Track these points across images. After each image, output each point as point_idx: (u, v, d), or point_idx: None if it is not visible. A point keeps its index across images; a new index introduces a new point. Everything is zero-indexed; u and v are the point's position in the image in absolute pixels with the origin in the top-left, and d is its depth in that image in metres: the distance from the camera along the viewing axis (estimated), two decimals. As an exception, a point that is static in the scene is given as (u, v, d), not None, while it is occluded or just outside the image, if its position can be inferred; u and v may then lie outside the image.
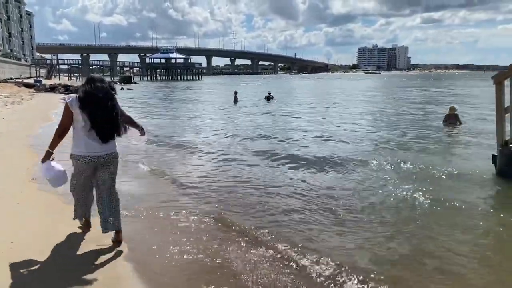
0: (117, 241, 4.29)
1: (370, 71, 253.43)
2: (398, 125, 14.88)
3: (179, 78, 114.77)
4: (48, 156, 4.09)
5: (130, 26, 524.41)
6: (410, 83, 72.75)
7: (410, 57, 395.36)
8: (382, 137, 12.09)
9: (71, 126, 4.02)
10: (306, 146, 10.83)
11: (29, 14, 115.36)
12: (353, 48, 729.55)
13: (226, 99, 32.42)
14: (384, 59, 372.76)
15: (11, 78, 47.05)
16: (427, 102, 26.78)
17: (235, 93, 28.33)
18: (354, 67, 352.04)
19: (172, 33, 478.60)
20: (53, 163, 4.11)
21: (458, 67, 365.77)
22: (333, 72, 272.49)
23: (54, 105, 22.55)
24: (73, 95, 4.07)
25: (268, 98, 29.05)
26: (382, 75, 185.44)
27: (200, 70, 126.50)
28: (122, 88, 53.03)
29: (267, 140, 11.92)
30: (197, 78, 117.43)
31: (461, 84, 61.47)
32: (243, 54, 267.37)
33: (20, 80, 45.09)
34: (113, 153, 4.19)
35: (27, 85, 37.23)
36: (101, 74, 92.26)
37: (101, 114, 3.94)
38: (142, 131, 4.57)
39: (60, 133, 4.00)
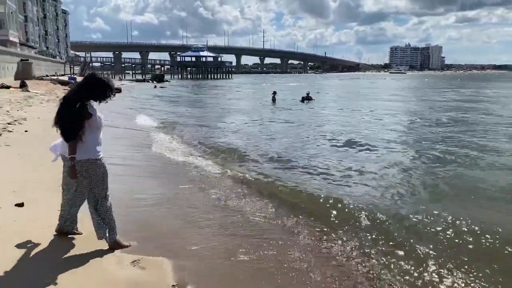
0: None
1: (394, 71, 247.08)
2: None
3: (209, 76, 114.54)
4: None
5: (160, 25, 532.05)
6: (452, 83, 69.85)
7: (444, 57, 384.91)
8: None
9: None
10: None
11: (64, 12, 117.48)
12: (385, 47, 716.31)
13: (263, 98, 31.48)
14: (417, 59, 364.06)
15: (46, 76, 47.30)
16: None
17: (274, 93, 27.26)
18: (386, 67, 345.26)
19: (202, 32, 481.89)
20: None
21: (495, 67, 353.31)
22: (364, 72, 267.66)
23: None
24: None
25: (305, 98, 27.78)
26: (409, 75, 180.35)
27: (230, 68, 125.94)
28: (155, 87, 53.08)
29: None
30: (227, 76, 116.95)
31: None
32: (272, 53, 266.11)
33: (55, 77, 45.23)
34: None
35: (62, 83, 37.14)
36: (133, 72, 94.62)
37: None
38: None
39: None
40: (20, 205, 5.08)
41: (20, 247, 3.95)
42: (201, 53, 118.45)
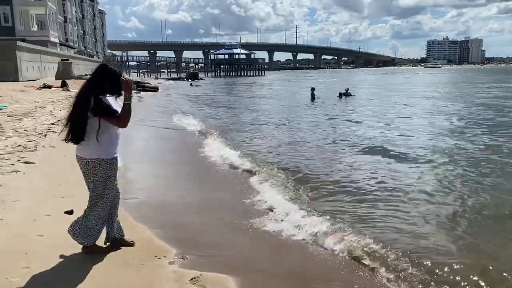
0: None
1: (429, 65, 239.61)
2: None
3: (242, 73, 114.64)
4: None
5: (194, 23, 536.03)
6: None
7: (484, 50, 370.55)
8: None
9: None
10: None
11: (101, 12, 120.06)
12: (421, 41, 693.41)
13: (301, 95, 30.98)
14: (456, 52, 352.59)
15: (85, 75, 48.35)
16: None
17: (312, 89, 26.69)
18: (422, 61, 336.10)
19: (235, 29, 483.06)
20: None
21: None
22: (400, 66, 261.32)
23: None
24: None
25: (343, 94, 27.10)
26: (444, 69, 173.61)
27: (262, 65, 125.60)
28: (191, 84, 53.46)
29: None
30: (260, 73, 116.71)
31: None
32: (305, 48, 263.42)
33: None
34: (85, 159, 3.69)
35: (101, 82, 37.82)
36: (168, 70, 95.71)
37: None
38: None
39: None
40: (70, 212, 4.88)
41: (69, 259, 3.72)
42: (234, 51, 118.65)
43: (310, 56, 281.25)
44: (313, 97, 26.01)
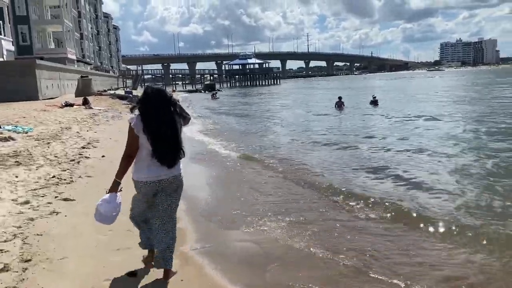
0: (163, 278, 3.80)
1: (432, 69, 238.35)
2: None
3: (257, 83, 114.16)
4: (115, 186, 3.69)
5: (205, 34, 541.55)
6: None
7: (498, 51, 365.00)
8: None
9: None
10: None
11: (115, 28, 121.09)
12: (433, 43, 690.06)
13: (324, 104, 29.90)
14: (470, 54, 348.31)
15: (105, 91, 48.05)
16: None
17: (339, 98, 25.59)
18: (436, 63, 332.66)
19: (246, 39, 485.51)
20: (119, 196, 3.68)
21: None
22: (414, 70, 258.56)
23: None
24: (136, 114, 3.59)
25: (373, 102, 26.02)
26: (451, 71, 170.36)
27: (277, 74, 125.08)
28: (213, 96, 50.30)
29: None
30: (275, 82, 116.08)
31: None
32: (317, 56, 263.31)
33: (113, 92, 45.75)
34: (177, 176, 3.71)
35: (120, 97, 37.23)
36: (183, 82, 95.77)
37: (165, 141, 3.52)
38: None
39: (127, 162, 3.66)
40: (133, 274, 3.88)
41: None
42: (249, 61, 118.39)
43: (322, 63, 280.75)
44: (341, 106, 24.98)
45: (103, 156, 9.82)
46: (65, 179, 7.43)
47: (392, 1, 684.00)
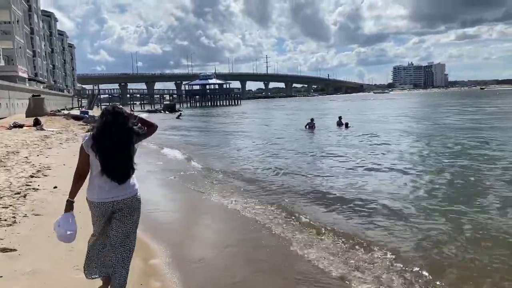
0: None
1: (379, 91, 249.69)
2: None
3: (217, 103, 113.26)
4: (68, 207, 3.61)
5: (164, 54, 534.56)
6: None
7: (447, 74, 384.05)
8: None
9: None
10: None
11: (70, 46, 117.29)
12: (386, 67, 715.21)
13: (295, 125, 29.26)
14: (421, 77, 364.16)
15: (58, 111, 45.46)
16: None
17: (312, 120, 25.01)
18: (390, 86, 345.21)
19: (205, 60, 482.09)
20: (72, 215, 3.61)
21: (498, 82, 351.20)
22: (369, 92, 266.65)
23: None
24: (89, 134, 3.51)
25: (340, 124, 25.54)
26: (396, 94, 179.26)
27: (238, 95, 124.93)
28: (178, 117, 48.92)
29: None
30: (235, 103, 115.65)
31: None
32: (276, 77, 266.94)
33: (67, 112, 43.32)
34: (131, 198, 3.56)
35: (76, 118, 35.12)
36: (141, 102, 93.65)
37: (114, 157, 3.40)
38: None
39: (77, 180, 3.56)
40: None
41: None
42: (210, 81, 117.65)
43: (281, 85, 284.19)
44: (312, 127, 24.42)
45: (55, 187, 8.36)
46: (5, 220, 6.01)
47: (347, 26, 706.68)
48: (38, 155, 13.09)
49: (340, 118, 26.29)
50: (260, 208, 7.67)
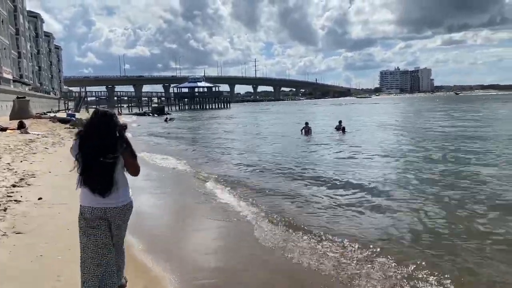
0: None
1: (360, 95, 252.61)
2: None
3: (206, 106, 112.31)
4: None
5: (152, 57, 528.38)
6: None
7: (433, 79, 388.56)
8: None
9: None
10: None
11: (57, 48, 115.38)
12: (373, 71, 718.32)
13: (286, 129, 28.65)
14: (407, 82, 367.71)
15: (44, 113, 44.19)
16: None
17: (306, 124, 24.40)
18: (376, 90, 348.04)
19: (194, 63, 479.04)
20: None
21: (483, 87, 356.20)
22: (356, 96, 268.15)
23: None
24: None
25: (339, 128, 24.93)
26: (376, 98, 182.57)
27: (227, 98, 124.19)
28: (166, 120, 48.16)
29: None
30: (225, 106, 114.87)
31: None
32: (265, 81, 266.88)
33: (53, 114, 42.10)
34: (119, 207, 3.42)
35: (62, 121, 33.99)
36: (129, 105, 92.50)
37: (94, 163, 3.30)
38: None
39: None
40: None
41: None
42: (199, 84, 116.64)
43: (270, 88, 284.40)
44: (309, 132, 23.80)
45: (39, 199, 7.55)
46: (-19, 241, 5.22)
47: (335, 30, 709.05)
48: (21, 161, 12.19)
49: (340, 122, 25.58)
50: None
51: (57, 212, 6.76)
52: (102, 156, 3.27)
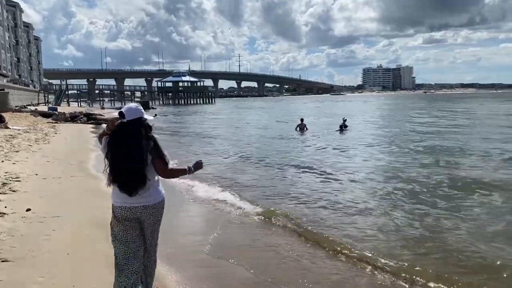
0: None
1: (334, 94, 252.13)
2: None
3: (190, 101, 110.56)
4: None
5: (134, 51, 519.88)
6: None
7: (414, 77, 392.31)
8: None
9: None
10: None
11: (37, 39, 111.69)
12: (356, 69, 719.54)
13: (281, 126, 27.71)
14: (389, 79, 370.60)
15: (24, 106, 42.19)
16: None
17: (302, 120, 23.43)
18: (359, 87, 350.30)
19: (176, 57, 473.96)
20: None
21: (463, 85, 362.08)
22: (339, 93, 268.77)
23: (92, 142, 17.81)
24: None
25: (342, 127, 23.46)
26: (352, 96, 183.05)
27: (211, 93, 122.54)
28: (155, 115, 46.74)
29: None
30: (209, 101, 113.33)
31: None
32: (249, 76, 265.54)
33: (34, 108, 40.18)
34: (148, 206, 3.24)
35: (44, 114, 32.31)
36: (110, 99, 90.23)
37: (124, 164, 3.11)
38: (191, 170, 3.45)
39: None
40: None
41: None
42: (183, 78, 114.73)
43: (254, 84, 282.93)
44: (303, 129, 22.91)
45: (28, 210, 6.37)
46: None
47: (318, 27, 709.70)
48: (3, 161, 10.89)
49: (344, 120, 24.19)
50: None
51: (50, 229, 5.60)
52: (129, 164, 3.10)
